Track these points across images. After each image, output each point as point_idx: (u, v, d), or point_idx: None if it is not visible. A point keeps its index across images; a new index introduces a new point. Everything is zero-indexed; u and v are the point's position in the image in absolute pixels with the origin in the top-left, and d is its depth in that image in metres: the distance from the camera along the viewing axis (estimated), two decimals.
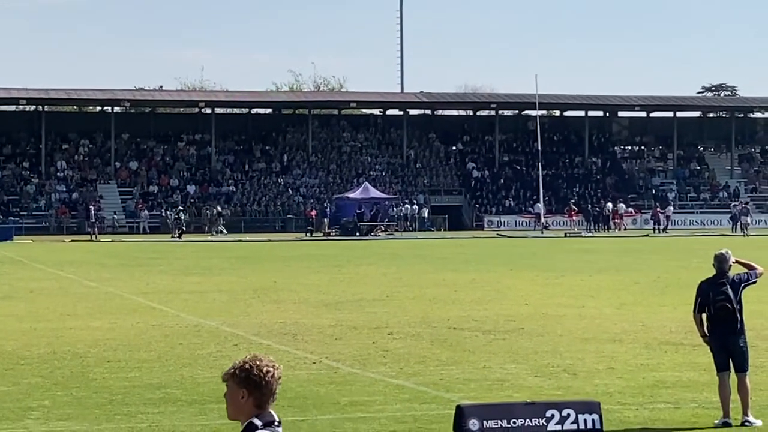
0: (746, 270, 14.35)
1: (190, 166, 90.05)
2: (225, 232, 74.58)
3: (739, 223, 77.28)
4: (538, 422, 13.46)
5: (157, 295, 31.66)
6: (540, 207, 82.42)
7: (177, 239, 70.09)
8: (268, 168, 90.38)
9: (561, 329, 23.35)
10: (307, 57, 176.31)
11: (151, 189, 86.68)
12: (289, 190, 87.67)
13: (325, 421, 14.24)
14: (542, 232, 76.91)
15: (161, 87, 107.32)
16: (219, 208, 77.92)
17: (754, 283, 14.30)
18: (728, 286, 14.02)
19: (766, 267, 14.90)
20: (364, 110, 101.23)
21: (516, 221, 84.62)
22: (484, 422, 13.33)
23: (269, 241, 67.67)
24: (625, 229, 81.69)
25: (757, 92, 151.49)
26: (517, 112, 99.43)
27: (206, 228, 77.17)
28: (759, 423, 13.87)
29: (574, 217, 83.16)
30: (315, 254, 52.87)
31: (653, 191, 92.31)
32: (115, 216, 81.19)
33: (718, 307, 13.96)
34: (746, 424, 13.83)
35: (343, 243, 66.08)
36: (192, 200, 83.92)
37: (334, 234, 74.62)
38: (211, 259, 48.58)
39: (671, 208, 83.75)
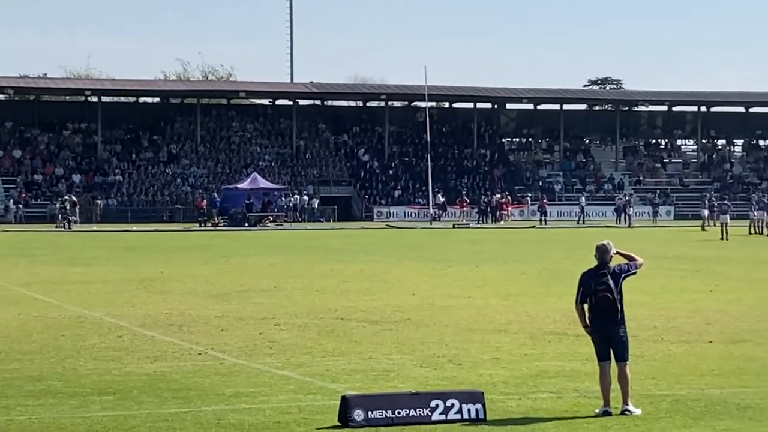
0: (627, 261, 14.54)
1: (75, 155, 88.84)
2: (78, 221, 73.46)
3: (623, 215, 78.47)
4: (423, 412, 13.54)
5: (40, 285, 31.21)
6: (440, 198, 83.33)
7: (63, 229, 69.15)
8: (155, 157, 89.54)
9: (447, 320, 23.50)
10: (194, 46, 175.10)
11: (35, 178, 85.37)
12: (177, 180, 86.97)
13: (209, 412, 14.14)
14: (431, 223, 77.32)
15: (46, 74, 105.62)
16: (74, 198, 76.43)
17: (634, 274, 14.49)
18: (609, 276, 14.19)
19: (647, 258, 15.13)
20: (253, 100, 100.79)
21: (405, 212, 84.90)
22: (369, 412, 13.37)
23: (156, 231, 67.08)
24: (507, 220, 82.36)
25: (641, 86, 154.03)
26: (406, 103, 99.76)
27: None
28: (638, 412, 14.08)
29: (464, 208, 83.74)
30: (203, 245, 52.56)
31: (540, 183, 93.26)
32: (20, 206, 79.62)
33: (599, 297, 14.13)
34: (626, 412, 14.02)
35: (231, 233, 65.79)
36: (77, 190, 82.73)
37: (222, 224, 74.27)
38: (96, 250, 48.01)
39: (627, 196, 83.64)
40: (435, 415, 13.54)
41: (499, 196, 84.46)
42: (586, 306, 14.36)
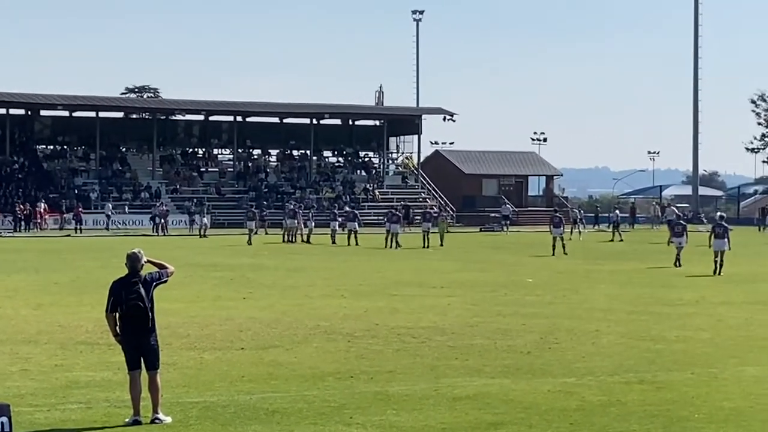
0: (158, 269, 14.56)
1: None
2: None
3: (160, 224, 78.73)
4: None
5: None
6: None
7: None
8: None
9: None
10: None
11: None
12: None
13: None
14: None
15: None
16: None
17: (165, 281, 14.52)
18: (140, 285, 14.16)
19: (183, 266, 15.21)
20: None
21: None
22: None
23: None
24: (47, 229, 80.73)
25: (179, 95, 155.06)
26: None
27: None
28: (168, 420, 14.13)
29: None
30: None
31: (76, 191, 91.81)
32: None
33: (130, 305, 14.08)
34: (156, 421, 14.05)
35: None
36: None
37: None
38: None
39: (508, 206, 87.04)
40: None
41: (34, 204, 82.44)
42: (117, 315, 14.27)
